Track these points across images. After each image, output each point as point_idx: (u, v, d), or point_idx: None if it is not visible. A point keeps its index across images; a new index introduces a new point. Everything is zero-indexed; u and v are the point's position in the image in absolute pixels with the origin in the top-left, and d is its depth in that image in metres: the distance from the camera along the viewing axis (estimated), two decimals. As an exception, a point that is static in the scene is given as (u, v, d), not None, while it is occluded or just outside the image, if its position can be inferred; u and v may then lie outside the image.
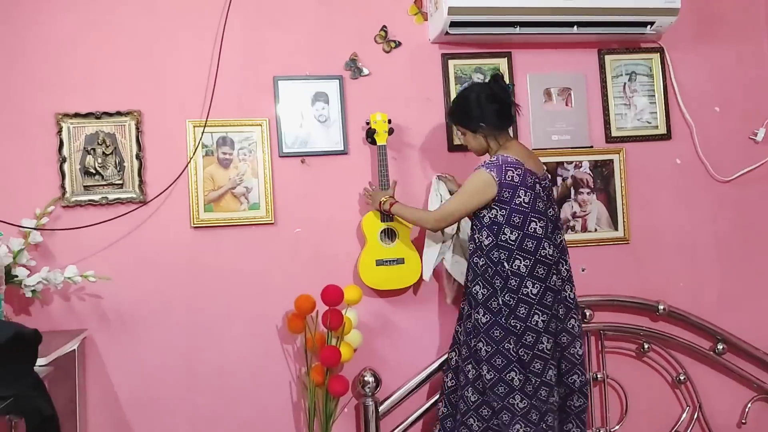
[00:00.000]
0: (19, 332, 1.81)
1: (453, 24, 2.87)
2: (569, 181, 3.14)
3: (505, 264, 2.44)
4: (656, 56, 3.23)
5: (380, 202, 2.77)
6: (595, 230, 3.15)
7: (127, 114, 2.79)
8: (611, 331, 3.10)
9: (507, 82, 2.71)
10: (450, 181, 2.84)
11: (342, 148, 2.96)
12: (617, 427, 3.11)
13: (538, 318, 2.43)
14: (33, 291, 2.56)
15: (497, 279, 2.46)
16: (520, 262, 2.43)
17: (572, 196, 3.14)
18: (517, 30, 2.94)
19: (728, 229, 3.26)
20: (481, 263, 2.50)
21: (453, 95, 3.03)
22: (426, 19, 3.06)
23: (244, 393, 2.86)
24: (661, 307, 3.08)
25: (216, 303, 2.86)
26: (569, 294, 2.54)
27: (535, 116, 3.13)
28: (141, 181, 2.79)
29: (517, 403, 2.43)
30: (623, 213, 3.16)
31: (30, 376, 1.84)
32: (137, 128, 2.80)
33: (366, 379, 2.82)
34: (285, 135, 2.93)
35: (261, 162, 2.89)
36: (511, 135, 2.68)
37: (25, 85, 2.75)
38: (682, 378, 3.14)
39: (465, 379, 2.55)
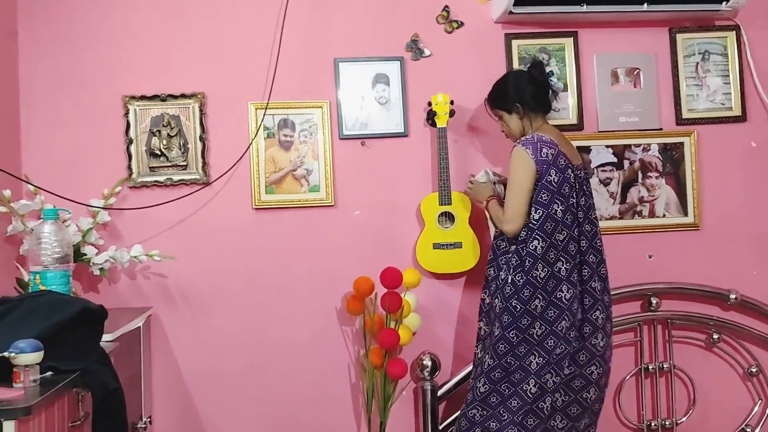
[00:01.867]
0: (87, 308, 1.86)
1: (517, 2, 2.80)
2: (637, 164, 3.04)
3: (528, 244, 2.39)
4: (731, 34, 3.08)
5: (486, 200, 2.66)
6: (664, 215, 3.04)
7: (191, 96, 2.84)
8: (679, 320, 2.99)
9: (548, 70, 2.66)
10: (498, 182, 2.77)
11: (402, 131, 2.94)
12: (684, 419, 3.02)
13: (538, 303, 2.37)
14: (101, 269, 2.64)
15: (514, 257, 2.43)
16: (538, 243, 2.38)
17: (640, 180, 3.04)
18: (584, 8, 2.85)
19: (807, 215, 3.10)
20: (502, 245, 2.51)
21: (516, 76, 2.98)
22: (489, -1, 3.00)
23: (304, 372, 2.89)
24: (732, 296, 2.96)
25: (277, 284, 2.89)
26: (597, 286, 2.45)
27: (602, 98, 3.04)
28: (204, 163, 2.84)
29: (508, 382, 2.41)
30: (694, 198, 3.04)
31: (96, 351, 1.90)
32: (201, 110, 2.84)
33: (424, 362, 2.81)
34: (345, 117, 2.92)
35: (321, 144, 2.90)
36: (546, 120, 2.61)
37: (95, 68, 2.82)
38: (754, 370, 3.02)
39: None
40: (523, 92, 2.55)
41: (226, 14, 2.88)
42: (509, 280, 2.42)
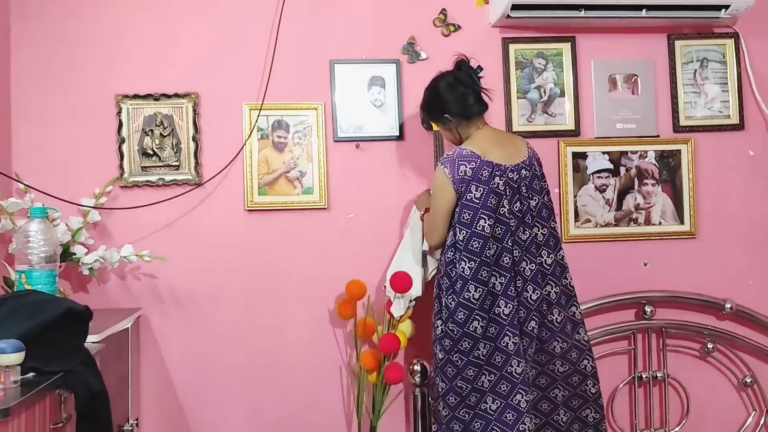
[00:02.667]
0: (71, 309, 1.83)
1: (515, 7, 2.79)
2: (633, 171, 3.01)
3: (456, 265, 2.35)
4: (730, 42, 3.06)
5: (423, 210, 2.67)
6: (660, 223, 3.02)
7: (184, 96, 2.81)
8: (673, 328, 2.97)
9: (475, 66, 2.56)
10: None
11: (397, 134, 2.92)
12: (677, 429, 2.99)
13: (477, 324, 2.33)
14: (90, 269, 2.61)
15: (445, 280, 2.40)
16: (465, 264, 2.33)
17: (636, 187, 3.01)
18: (582, 13, 2.83)
19: (804, 225, 3.08)
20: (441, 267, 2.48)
21: (513, 80, 2.96)
22: (487, 2, 2.97)
23: (296, 376, 2.87)
24: (728, 305, 2.94)
25: (269, 286, 2.86)
26: (530, 295, 2.37)
27: (598, 104, 3.02)
28: (197, 163, 2.81)
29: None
30: (690, 206, 3.02)
31: (81, 352, 1.87)
32: (194, 110, 2.81)
33: (415, 368, 2.78)
34: (340, 119, 2.90)
35: (316, 146, 2.87)
36: (485, 122, 2.55)
37: (88, 66, 2.79)
38: (748, 380, 3.00)
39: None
40: (448, 100, 2.47)
41: (222, 14, 2.86)
42: (443, 303, 2.39)
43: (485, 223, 2.34)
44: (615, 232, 3.00)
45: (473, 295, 2.32)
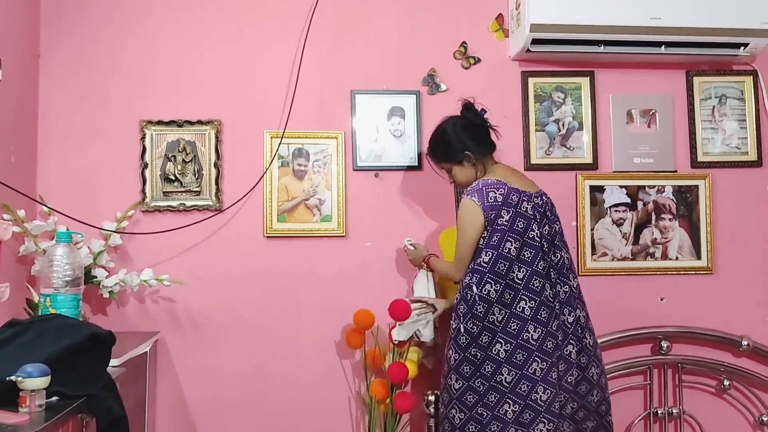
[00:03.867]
0: (95, 333, 1.85)
1: (535, 41, 2.82)
2: (650, 206, 3.02)
3: (474, 288, 2.34)
4: (749, 79, 3.09)
5: (423, 259, 2.71)
6: (677, 258, 3.02)
7: (207, 123, 2.85)
8: (689, 364, 2.96)
9: (479, 108, 2.60)
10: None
11: (416, 164, 2.94)
12: (693, 466, 2.97)
13: (500, 347, 2.31)
14: (110, 292, 2.64)
15: (462, 305, 2.37)
16: (491, 287, 2.33)
17: (653, 221, 3.02)
18: (602, 49, 2.86)
19: (822, 263, 3.07)
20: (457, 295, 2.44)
21: (532, 113, 2.98)
22: (507, 36, 3.01)
23: (309, 403, 2.87)
24: (744, 342, 2.92)
25: (286, 312, 2.88)
26: (567, 318, 2.38)
27: (616, 138, 3.03)
28: (218, 189, 2.85)
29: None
30: (708, 242, 3.02)
31: (103, 376, 1.88)
32: (217, 137, 2.85)
33: (429, 398, 2.76)
34: (360, 148, 2.93)
35: (335, 174, 2.90)
36: (495, 160, 2.58)
37: (113, 92, 2.85)
38: (765, 419, 2.97)
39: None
40: (465, 139, 2.50)
41: (246, 43, 2.91)
42: (462, 330, 2.36)
43: (511, 245, 2.34)
44: (632, 266, 3.00)
45: (497, 318, 2.31)
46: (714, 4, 2.82)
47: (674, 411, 2.95)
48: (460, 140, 2.50)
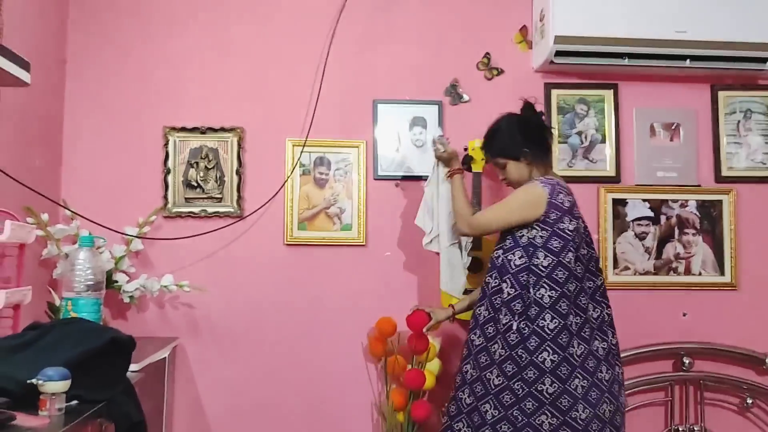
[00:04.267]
0: (116, 338, 1.85)
1: (558, 53, 2.81)
2: (674, 220, 2.99)
3: (531, 290, 2.26)
4: (775, 94, 3.06)
5: (451, 169, 2.58)
6: (700, 273, 2.98)
7: (230, 130, 2.87)
8: (712, 381, 2.92)
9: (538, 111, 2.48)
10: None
11: (437, 174, 2.94)
12: (714, 485, 2.92)
13: (547, 356, 2.22)
14: (131, 297, 2.65)
15: (518, 302, 2.27)
16: (545, 291, 2.25)
17: (676, 236, 2.99)
18: (626, 61, 2.84)
19: None
20: (505, 287, 2.31)
21: (555, 125, 2.96)
22: (530, 48, 3.01)
23: (327, 409, 2.87)
24: (768, 360, 2.89)
25: (305, 320, 2.88)
26: (612, 339, 2.31)
27: (639, 151, 3.01)
28: (239, 197, 2.86)
29: None
30: (731, 257, 2.98)
31: (123, 381, 1.88)
32: (239, 144, 2.87)
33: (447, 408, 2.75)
34: (381, 158, 2.93)
35: (356, 183, 2.90)
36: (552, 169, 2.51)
37: (138, 98, 2.87)
38: (788, 439, 2.93)
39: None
40: (526, 135, 2.37)
41: (270, 51, 2.93)
42: (514, 327, 2.26)
43: (571, 256, 2.27)
44: (654, 281, 2.97)
45: (548, 324, 2.23)
46: (740, 18, 2.82)
47: (696, 429, 2.90)
48: (521, 135, 2.38)
